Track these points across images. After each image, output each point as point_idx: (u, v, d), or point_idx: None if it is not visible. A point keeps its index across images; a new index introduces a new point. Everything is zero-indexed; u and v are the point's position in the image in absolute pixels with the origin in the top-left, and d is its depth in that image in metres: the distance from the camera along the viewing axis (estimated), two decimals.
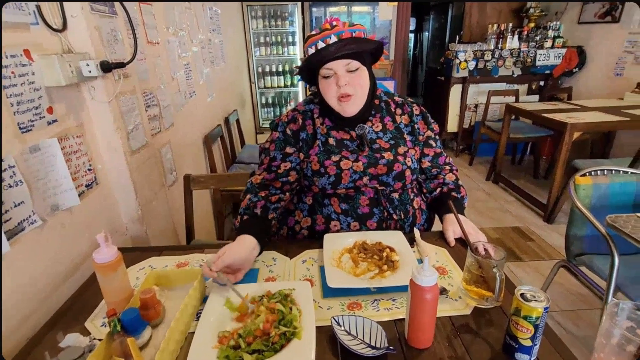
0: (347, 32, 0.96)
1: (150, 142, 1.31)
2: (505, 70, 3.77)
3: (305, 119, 1.10)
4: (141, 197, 1.21)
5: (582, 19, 3.65)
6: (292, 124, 1.09)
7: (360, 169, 1.02)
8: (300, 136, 1.07)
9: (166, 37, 1.65)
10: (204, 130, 2.19)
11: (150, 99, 1.41)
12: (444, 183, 1.14)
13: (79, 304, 0.82)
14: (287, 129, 1.08)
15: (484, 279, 0.77)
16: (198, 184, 1.49)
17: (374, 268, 0.90)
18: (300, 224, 1.10)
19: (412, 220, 1.10)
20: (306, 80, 1.09)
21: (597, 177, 1.55)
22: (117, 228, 1.16)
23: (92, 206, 1.04)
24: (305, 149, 1.07)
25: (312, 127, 1.08)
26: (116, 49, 1.09)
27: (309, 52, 0.99)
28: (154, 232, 1.30)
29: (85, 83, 1.00)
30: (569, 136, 2.44)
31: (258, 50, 4.03)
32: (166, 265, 0.96)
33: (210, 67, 2.40)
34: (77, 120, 0.98)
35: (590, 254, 1.53)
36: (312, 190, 1.07)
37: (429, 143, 1.15)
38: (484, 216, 2.85)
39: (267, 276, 0.90)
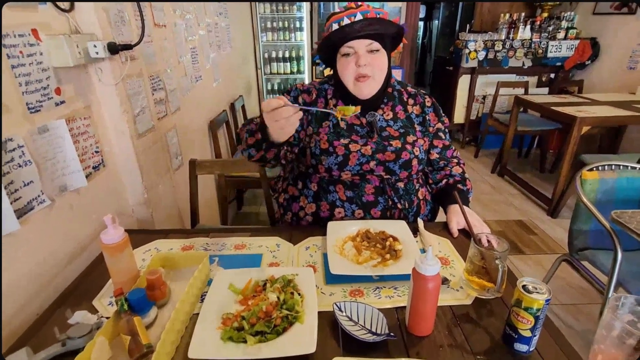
0: (372, 12, 0.96)
1: (156, 126, 1.31)
2: (515, 62, 3.70)
3: (319, 96, 1.10)
4: (147, 181, 1.21)
5: (598, 10, 3.55)
6: (305, 94, 1.10)
7: (368, 153, 1.02)
8: (311, 110, 1.07)
9: (173, 19, 1.63)
10: (210, 115, 2.19)
11: (157, 82, 1.40)
12: (450, 175, 1.14)
13: (87, 283, 0.84)
14: (300, 97, 1.08)
15: (486, 270, 0.78)
16: (203, 169, 1.49)
17: (377, 257, 0.90)
18: (305, 210, 1.11)
19: (416, 210, 1.10)
20: (324, 59, 1.09)
21: (604, 172, 1.53)
22: (123, 210, 1.17)
23: (99, 188, 1.05)
24: (315, 123, 1.07)
25: (324, 105, 1.09)
26: (123, 31, 1.08)
27: (332, 29, 0.98)
28: (159, 215, 1.31)
29: (92, 64, 1.00)
30: (577, 130, 2.41)
31: (265, 36, 3.98)
32: (171, 248, 0.97)
33: (216, 51, 2.37)
34: (85, 102, 0.99)
35: (594, 249, 1.53)
36: (317, 174, 1.07)
37: (439, 135, 1.15)
38: (488, 209, 2.84)
39: (270, 261, 0.92)
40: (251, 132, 0.91)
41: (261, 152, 0.92)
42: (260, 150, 0.91)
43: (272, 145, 0.90)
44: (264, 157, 0.94)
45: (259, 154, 0.93)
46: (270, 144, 0.89)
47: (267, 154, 0.92)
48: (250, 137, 0.91)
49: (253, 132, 0.90)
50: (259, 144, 0.90)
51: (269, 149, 0.91)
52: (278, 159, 0.99)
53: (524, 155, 3.91)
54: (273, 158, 0.96)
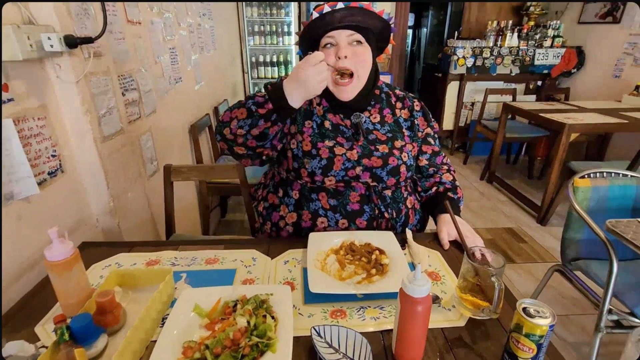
0: (355, 2, 0.90)
1: (126, 129, 1.21)
2: (503, 69, 3.71)
3: None
4: (114, 188, 1.11)
5: (583, 19, 3.60)
6: None
7: (354, 158, 0.95)
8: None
9: (150, 17, 1.55)
10: (191, 119, 2.09)
11: (129, 82, 1.31)
12: (440, 182, 1.08)
13: (32, 306, 0.73)
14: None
15: (480, 287, 0.71)
16: (179, 175, 1.40)
17: (362, 272, 0.83)
18: (285, 220, 1.03)
19: (404, 219, 1.03)
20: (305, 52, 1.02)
21: (597, 180, 1.49)
22: (86, 220, 1.07)
23: (57, 196, 0.95)
24: (300, 119, 0.99)
25: (308, 103, 1.01)
26: (87, 24, 0.99)
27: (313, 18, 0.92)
28: (128, 225, 1.21)
29: (49, 59, 0.90)
30: (566, 137, 2.39)
31: (252, 39, 3.91)
32: (135, 263, 0.87)
33: (199, 53, 2.29)
34: (40, 101, 0.89)
35: (587, 259, 1.49)
36: (299, 180, 0.99)
37: (428, 141, 1.09)
38: (477, 216, 2.80)
39: (244, 278, 0.83)
40: (259, 103, 0.83)
41: (268, 123, 0.84)
42: (268, 121, 0.83)
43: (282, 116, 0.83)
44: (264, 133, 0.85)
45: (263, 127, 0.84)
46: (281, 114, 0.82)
47: (272, 128, 0.85)
48: (259, 107, 0.83)
49: (261, 104, 0.83)
50: (269, 114, 0.82)
51: (275, 123, 0.84)
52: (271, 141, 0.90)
53: (512, 162, 3.91)
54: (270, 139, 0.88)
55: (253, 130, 0.84)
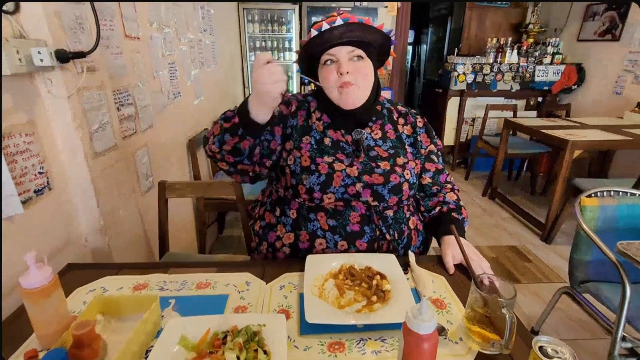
0: (353, 18, 0.89)
1: (120, 144, 1.18)
2: (503, 85, 3.72)
3: (300, 109, 1.00)
4: (105, 205, 1.07)
5: (582, 37, 3.62)
6: (284, 105, 0.99)
7: (354, 175, 0.91)
8: (290, 122, 0.97)
9: (149, 32, 1.54)
10: (189, 133, 2.07)
11: (125, 97, 1.29)
12: (444, 202, 1.03)
13: (7, 336, 0.68)
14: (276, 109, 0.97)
15: (489, 318, 0.66)
16: (174, 192, 1.36)
17: (362, 299, 0.78)
18: (282, 240, 0.98)
19: (406, 241, 0.98)
20: (305, 71, 0.99)
21: (604, 199, 1.45)
22: (74, 240, 1.02)
23: (43, 215, 0.90)
24: (296, 136, 0.96)
25: (305, 119, 0.98)
26: (82, 39, 0.97)
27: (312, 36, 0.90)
28: (119, 244, 1.17)
29: (40, 74, 0.88)
30: (569, 154, 2.36)
31: (253, 55, 3.93)
32: (121, 287, 0.82)
33: (199, 68, 2.28)
34: (28, 116, 0.86)
35: (596, 282, 1.43)
36: (297, 199, 0.95)
37: (431, 158, 1.05)
38: (479, 233, 2.74)
39: (237, 304, 0.78)
40: (227, 118, 0.83)
41: (236, 138, 0.82)
42: (235, 137, 0.82)
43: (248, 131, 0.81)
44: (237, 148, 0.84)
45: (233, 142, 0.82)
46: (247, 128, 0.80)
47: (242, 143, 0.82)
48: (226, 122, 0.82)
49: (229, 117, 0.82)
50: (236, 128, 0.81)
51: (244, 137, 0.82)
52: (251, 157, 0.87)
53: (514, 178, 3.87)
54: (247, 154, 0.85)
55: (225, 146, 0.83)
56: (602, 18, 3.35)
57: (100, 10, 1.15)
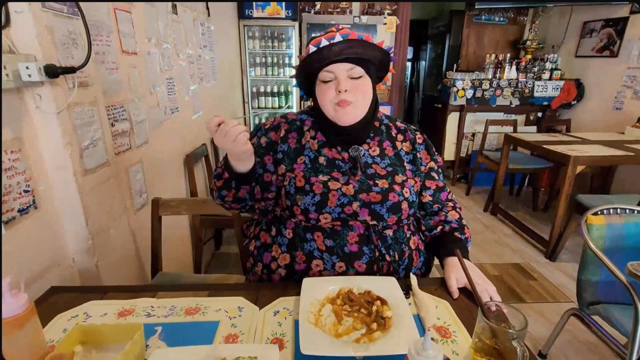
0: (353, 34, 0.86)
1: (112, 161, 1.15)
2: (503, 100, 3.72)
3: (290, 131, 0.97)
4: (94, 224, 1.03)
5: (580, 53, 3.65)
6: (272, 131, 0.98)
7: (350, 193, 0.88)
8: (280, 148, 0.95)
9: (147, 48, 1.53)
10: (187, 149, 2.04)
11: (120, 112, 1.26)
12: (445, 221, 1.00)
13: None
14: (265, 137, 0.97)
15: (498, 350, 0.61)
16: (168, 209, 1.32)
17: (361, 326, 0.73)
18: (278, 262, 0.94)
19: (407, 262, 0.94)
20: (302, 87, 0.97)
21: (611, 217, 1.41)
22: (61, 260, 0.98)
23: (27, 235, 0.86)
24: (288, 161, 0.94)
25: (297, 141, 0.96)
26: (74, 54, 0.95)
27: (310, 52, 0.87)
28: (109, 264, 1.12)
29: (29, 90, 0.85)
30: (572, 169, 2.32)
31: (253, 71, 3.96)
32: (105, 313, 0.78)
33: (198, 83, 2.28)
34: (15, 133, 0.83)
35: (606, 303, 1.37)
36: (293, 219, 0.91)
37: (431, 175, 1.02)
38: (482, 249, 2.68)
39: (228, 332, 0.73)
40: (218, 175, 0.89)
41: (232, 191, 0.88)
42: (231, 190, 0.88)
43: (240, 181, 0.86)
44: (237, 197, 0.90)
45: (231, 194, 0.89)
46: (238, 179, 0.86)
47: (239, 192, 0.89)
48: (218, 180, 0.89)
49: (220, 174, 0.89)
50: (228, 182, 0.87)
51: (239, 187, 0.88)
52: (253, 198, 0.91)
53: (516, 194, 3.83)
54: (249, 198, 0.91)
55: (226, 199, 0.91)
56: (600, 35, 3.38)
57: (96, 26, 1.14)
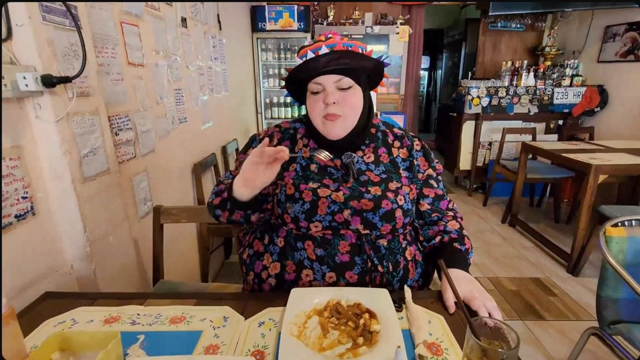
0: (340, 45, 0.84)
1: (114, 169, 1.17)
2: (520, 108, 3.61)
3: (284, 139, 0.97)
4: (92, 231, 1.05)
5: (602, 58, 3.51)
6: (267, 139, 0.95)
7: (340, 200, 0.85)
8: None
9: (154, 60, 1.57)
10: (195, 158, 2.07)
11: (124, 122, 1.30)
12: (445, 231, 0.95)
13: None
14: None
15: None
16: (169, 217, 1.33)
17: (347, 340, 0.69)
18: (268, 271, 0.92)
19: (402, 274, 0.90)
20: (294, 96, 0.97)
21: (632, 229, 1.31)
22: (58, 266, 1.00)
23: (24, 241, 0.89)
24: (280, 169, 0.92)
25: (290, 149, 0.95)
26: (75, 66, 0.98)
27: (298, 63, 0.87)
28: (108, 271, 1.13)
29: (30, 99, 0.88)
30: (594, 179, 2.21)
31: (267, 82, 4.02)
32: (92, 319, 0.77)
33: (209, 94, 2.33)
34: (14, 141, 0.86)
35: (628, 322, 1.27)
36: (285, 226, 0.90)
37: (430, 183, 0.98)
38: (499, 263, 2.57)
39: (209, 343, 0.71)
40: (218, 192, 0.89)
41: (226, 212, 0.88)
42: (225, 211, 0.88)
43: (236, 206, 0.85)
44: (230, 220, 0.90)
45: (225, 215, 0.89)
46: (235, 204, 0.85)
47: (233, 215, 0.88)
48: (216, 197, 0.89)
49: (220, 191, 0.88)
50: (224, 203, 0.87)
51: (233, 211, 0.87)
52: (248, 222, 0.91)
53: (537, 205, 3.67)
54: (244, 222, 0.91)
55: (220, 218, 0.90)
56: (623, 39, 3.24)
57: (102, 39, 1.18)
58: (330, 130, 0.87)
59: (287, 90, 0.96)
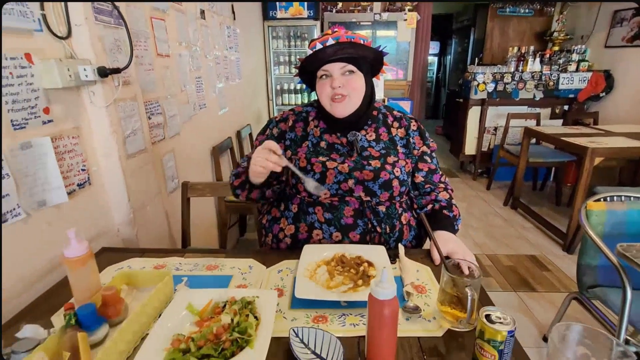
0: (344, 37, 0.99)
1: (149, 149, 1.35)
2: (526, 93, 3.67)
3: (297, 121, 1.13)
4: (134, 201, 1.23)
5: (610, 43, 3.53)
6: (282, 123, 1.14)
7: (345, 171, 1.02)
8: (288, 136, 1.11)
9: (178, 50, 1.73)
10: (213, 141, 2.25)
11: (155, 107, 1.47)
12: (436, 200, 1.11)
13: (53, 298, 0.83)
14: (276, 129, 1.14)
15: (459, 299, 0.72)
16: (195, 191, 1.51)
17: (349, 282, 0.86)
18: (284, 232, 1.09)
19: (398, 235, 1.06)
20: (306, 82, 1.12)
21: (613, 204, 1.45)
22: (108, 229, 1.19)
23: (84, 205, 1.07)
24: (294, 147, 1.09)
25: (303, 129, 1.11)
26: (119, 58, 1.15)
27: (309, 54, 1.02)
28: (146, 236, 1.32)
29: (85, 88, 1.05)
30: (589, 161, 2.31)
31: (277, 69, 4.15)
32: (144, 266, 0.96)
33: (224, 82, 2.48)
34: (75, 122, 1.03)
35: (604, 287, 1.41)
36: (298, 195, 1.06)
37: (424, 158, 1.13)
38: (499, 242, 2.71)
39: (239, 283, 0.89)
40: (237, 174, 1.04)
41: (245, 191, 1.04)
42: (244, 190, 1.03)
43: (253, 186, 1.00)
44: (249, 197, 1.05)
45: (244, 194, 1.05)
46: (252, 185, 0.99)
47: (251, 194, 1.04)
48: (236, 179, 1.04)
49: (239, 174, 1.03)
50: (243, 184, 1.02)
51: (252, 190, 1.02)
52: (263, 197, 1.07)
53: (539, 189, 3.77)
54: (260, 197, 1.06)
55: (240, 197, 1.07)
56: (630, 24, 3.27)
57: (136, 33, 1.34)
58: (337, 109, 1.02)
59: (300, 78, 1.11)
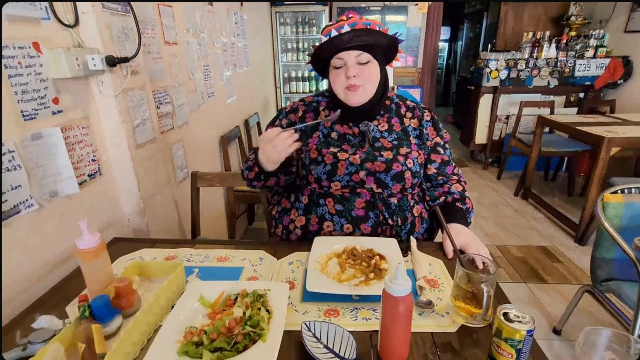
0: (360, 23, 0.96)
1: (158, 138, 1.34)
2: (540, 81, 3.57)
3: (308, 112, 1.11)
4: (144, 191, 1.23)
5: (630, 28, 3.39)
6: (292, 114, 1.12)
7: (357, 162, 1.00)
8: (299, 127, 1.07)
9: (185, 38, 1.70)
10: (221, 130, 2.24)
11: (163, 96, 1.45)
12: (449, 192, 1.08)
13: (66, 289, 0.84)
14: (285, 119, 1.12)
15: (473, 294, 0.71)
16: (204, 181, 1.51)
17: (360, 275, 0.85)
18: (295, 223, 1.08)
19: (410, 227, 1.04)
20: (318, 70, 1.09)
21: (630, 196, 1.41)
22: (119, 219, 1.19)
23: (94, 196, 1.07)
24: (304, 138, 1.08)
25: (313, 120, 1.09)
26: (126, 46, 1.13)
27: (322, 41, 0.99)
28: (156, 225, 1.33)
29: (93, 77, 1.04)
30: (605, 151, 2.25)
31: (285, 56, 4.09)
32: (155, 257, 0.96)
33: (232, 69, 2.45)
34: (84, 112, 1.03)
35: (619, 280, 1.39)
36: (309, 186, 1.05)
37: (437, 150, 1.10)
38: (509, 233, 2.68)
39: (250, 275, 0.89)
40: (250, 167, 1.03)
41: (261, 182, 1.03)
42: (260, 181, 1.02)
43: (269, 175, 0.99)
44: (265, 186, 1.05)
45: (260, 184, 1.04)
46: (266, 175, 0.99)
47: (268, 182, 1.02)
48: (250, 172, 1.03)
49: (251, 167, 1.02)
50: (258, 175, 1.00)
51: (267, 178, 1.01)
52: (278, 184, 1.06)
53: (551, 179, 3.70)
54: (276, 184, 1.04)
55: (257, 187, 1.07)
56: None
57: (143, 21, 1.32)
58: (351, 99, 0.99)
59: (312, 66, 1.08)
